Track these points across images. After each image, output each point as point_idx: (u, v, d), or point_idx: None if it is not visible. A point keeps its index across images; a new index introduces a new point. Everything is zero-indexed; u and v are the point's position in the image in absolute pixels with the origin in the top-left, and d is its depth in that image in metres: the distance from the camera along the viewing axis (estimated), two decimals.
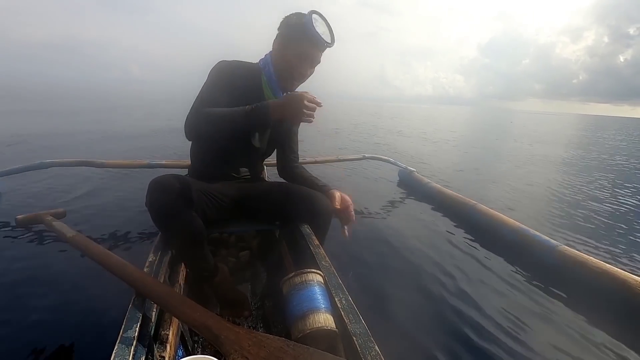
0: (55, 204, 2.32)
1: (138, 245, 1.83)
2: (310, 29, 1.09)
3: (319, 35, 1.10)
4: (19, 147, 4.15)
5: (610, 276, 1.58)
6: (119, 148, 4.45)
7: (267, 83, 1.22)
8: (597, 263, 1.66)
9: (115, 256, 0.94)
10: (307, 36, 1.11)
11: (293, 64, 1.16)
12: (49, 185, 2.74)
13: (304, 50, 1.14)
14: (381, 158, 3.38)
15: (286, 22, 1.16)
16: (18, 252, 1.68)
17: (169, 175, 1.02)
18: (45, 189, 2.66)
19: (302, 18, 1.11)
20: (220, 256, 1.31)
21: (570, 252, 1.79)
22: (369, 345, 0.70)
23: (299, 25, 1.11)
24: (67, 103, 12.97)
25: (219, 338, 0.69)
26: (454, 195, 2.77)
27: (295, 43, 1.14)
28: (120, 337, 0.66)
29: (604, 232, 2.51)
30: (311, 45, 1.13)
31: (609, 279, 1.57)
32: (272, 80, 1.21)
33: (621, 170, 5.58)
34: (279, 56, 1.18)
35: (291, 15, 1.16)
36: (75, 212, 2.13)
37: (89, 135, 5.37)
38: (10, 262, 1.58)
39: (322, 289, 0.90)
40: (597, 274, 1.62)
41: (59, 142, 4.63)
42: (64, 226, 1.25)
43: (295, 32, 1.13)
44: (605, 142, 11.38)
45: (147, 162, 2.60)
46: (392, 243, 2.07)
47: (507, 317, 1.39)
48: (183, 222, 0.97)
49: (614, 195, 3.72)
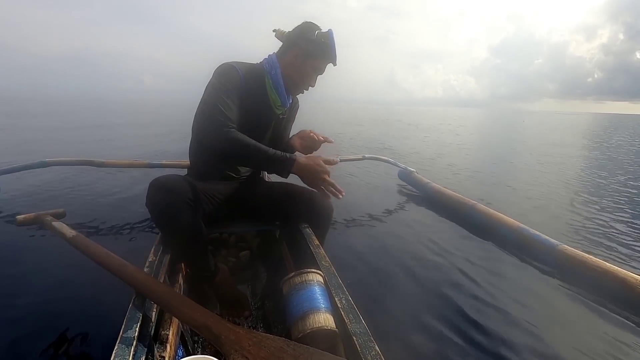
0: (55, 203, 2.32)
1: (138, 245, 1.83)
2: (333, 49, 1.17)
3: (335, 57, 1.19)
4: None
5: (610, 275, 1.58)
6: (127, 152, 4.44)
7: (272, 86, 1.22)
8: (597, 262, 1.67)
9: (115, 256, 0.94)
10: (328, 54, 1.18)
11: (308, 75, 1.22)
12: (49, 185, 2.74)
13: (321, 66, 1.22)
14: (381, 158, 3.38)
15: (306, 35, 1.17)
16: (18, 252, 1.68)
17: (170, 175, 1.02)
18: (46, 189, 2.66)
19: (326, 38, 1.16)
20: (221, 256, 1.31)
21: (570, 251, 1.79)
22: (369, 345, 0.70)
23: (324, 45, 1.16)
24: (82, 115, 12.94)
25: (219, 338, 0.69)
26: (454, 195, 2.77)
27: (316, 59, 1.19)
28: (121, 337, 0.66)
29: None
30: (326, 62, 1.21)
31: (609, 277, 1.58)
32: (278, 85, 1.21)
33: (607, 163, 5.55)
34: (295, 66, 1.20)
35: (309, 28, 1.18)
36: (75, 212, 2.13)
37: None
38: (10, 262, 1.59)
39: (322, 289, 0.90)
40: (597, 272, 1.62)
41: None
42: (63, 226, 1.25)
43: (319, 49, 1.17)
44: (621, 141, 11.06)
45: (147, 162, 2.60)
46: (392, 243, 2.07)
47: (507, 316, 1.39)
48: (183, 222, 0.97)
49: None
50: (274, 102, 1.24)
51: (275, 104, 1.25)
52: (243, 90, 1.15)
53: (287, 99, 1.26)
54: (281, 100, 1.24)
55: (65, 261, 1.56)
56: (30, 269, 1.53)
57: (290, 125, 1.45)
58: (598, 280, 1.60)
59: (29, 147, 4.82)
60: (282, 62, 1.21)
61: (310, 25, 1.18)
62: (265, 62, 1.23)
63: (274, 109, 1.26)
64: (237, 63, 1.19)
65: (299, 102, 1.43)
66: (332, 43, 1.16)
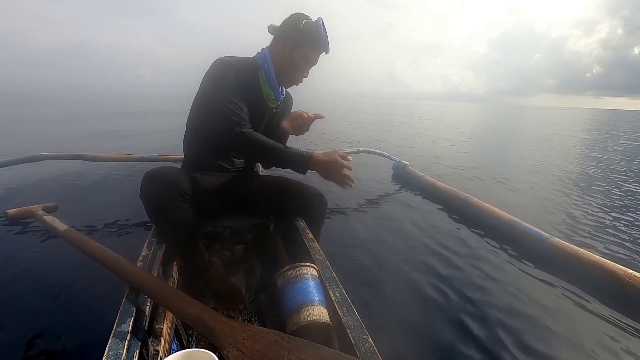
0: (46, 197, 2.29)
1: (131, 239, 1.82)
2: (323, 36, 1.15)
3: (328, 43, 1.16)
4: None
5: (599, 267, 1.61)
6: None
7: (265, 80, 1.21)
8: (586, 254, 1.70)
9: (108, 250, 0.93)
10: (318, 44, 1.16)
11: (299, 65, 1.19)
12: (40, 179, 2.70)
13: (311, 55, 1.18)
14: (375, 152, 3.39)
15: (294, 25, 1.16)
16: (8, 247, 1.66)
17: (164, 167, 1.01)
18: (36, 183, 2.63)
19: (314, 25, 1.14)
20: (215, 250, 1.31)
21: (560, 243, 1.82)
22: (363, 337, 0.70)
23: (312, 32, 1.14)
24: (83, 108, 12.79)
25: (213, 331, 0.70)
26: (447, 189, 2.79)
27: (305, 48, 1.16)
28: (114, 332, 0.66)
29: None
30: (317, 50, 1.18)
31: (598, 269, 1.61)
32: (271, 78, 1.21)
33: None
34: (284, 57, 1.18)
35: (297, 18, 1.16)
36: (67, 206, 2.11)
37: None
38: (1, 257, 1.57)
39: (316, 282, 0.90)
40: (586, 265, 1.65)
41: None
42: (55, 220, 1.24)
43: (306, 36, 1.15)
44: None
45: (139, 155, 2.58)
46: (386, 236, 2.08)
47: (500, 308, 1.41)
48: (177, 215, 0.97)
49: None
50: (267, 95, 1.23)
51: (269, 97, 1.24)
52: (237, 83, 1.15)
53: (280, 92, 1.25)
54: (274, 94, 1.24)
55: (57, 255, 1.55)
56: (21, 264, 1.51)
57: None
58: (587, 272, 1.64)
59: (18, 141, 4.74)
60: (273, 55, 1.20)
61: (298, 15, 1.17)
62: (258, 56, 1.23)
63: (268, 103, 1.26)
64: (232, 58, 1.18)
65: (292, 98, 1.42)
66: (320, 30, 1.14)
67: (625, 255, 1.98)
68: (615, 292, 1.52)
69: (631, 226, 2.48)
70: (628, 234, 2.32)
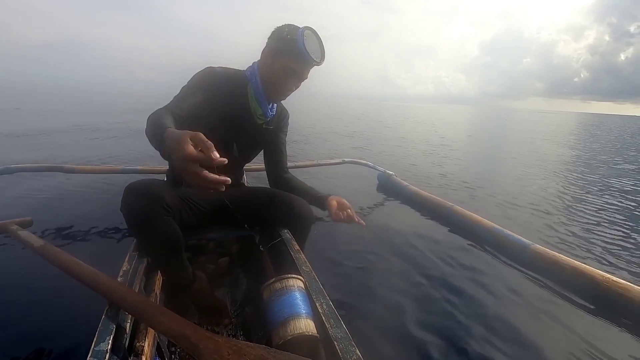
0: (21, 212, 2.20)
1: (112, 254, 1.76)
2: (301, 46, 1.07)
3: (308, 54, 1.09)
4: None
5: (579, 272, 1.66)
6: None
7: (253, 94, 1.20)
8: (567, 260, 1.75)
9: (87, 266, 0.90)
10: (296, 52, 1.10)
11: (280, 77, 1.15)
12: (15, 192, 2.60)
13: (291, 66, 1.13)
14: (360, 162, 3.42)
15: (277, 34, 1.13)
16: None
17: (146, 179, 0.99)
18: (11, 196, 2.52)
19: (294, 34, 1.09)
20: (199, 263, 1.28)
21: (542, 250, 1.86)
22: (350, 349, 0.70)
23: (290, 41, 1.09)
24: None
25: (197, 348, 0.68)
26: (432, 198, 2.83)
27: (284, 57, 1.12)
28: (92, 351, 0.63)
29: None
30: (298, 62, 1.12)
31: (578, 274, 1.66)
32: (258, 92, 1.19)
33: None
34: (267, 68, 1.17)
35: (283, 28, 1.13)
36: (43, 221, 2.03)
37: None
38: None
39: (302, 294, 0.89)
40: (567, 270, 1.70)
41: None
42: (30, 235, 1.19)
43: (285, 46, 1.11)
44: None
45: (121, 167, 2.53)
46: (372, 246, 2.08)
47: (485, 315, 1.43)
48: (159, 228, 0.95)
49: None
50: (254, 110, 1.23)
51: (256, 113, 1.23)
52: (220, 95, 1.14)
53: (268, 109, 1.24)
54: (262, 110, 1.23)
55: (32, 272, 1.48)
56: None
57: (283, 137, 1.42)
58: (568, 277, 1.68)
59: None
60: (260, 67, 1.19)
61: (287, 25, 1.14)
62: (248, 71, 1.22)
63: (255, 118, 1.25)
64: (221, 68, 1.18)
65: (288, 113, 1.41)
66: (301, 40, 1.07)
67: (603, 259, 2.04)
68: (594, 296, 1.58)
69: (606, 231, 2.56)
70: (605, 239, 2.40)
